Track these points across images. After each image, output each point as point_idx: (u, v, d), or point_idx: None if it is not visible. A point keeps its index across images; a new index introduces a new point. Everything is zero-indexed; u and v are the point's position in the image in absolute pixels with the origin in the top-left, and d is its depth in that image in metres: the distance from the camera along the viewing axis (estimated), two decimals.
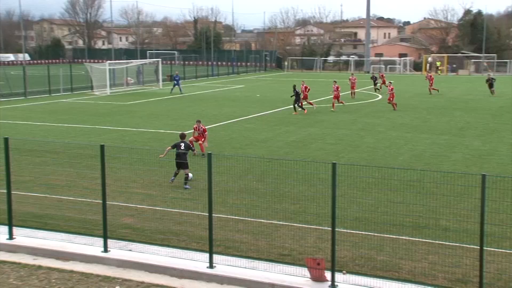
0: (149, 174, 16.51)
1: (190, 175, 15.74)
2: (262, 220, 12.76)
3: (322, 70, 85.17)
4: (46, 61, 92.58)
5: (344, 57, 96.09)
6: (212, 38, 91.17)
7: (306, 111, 31.96)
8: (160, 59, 55.68)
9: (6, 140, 11.71)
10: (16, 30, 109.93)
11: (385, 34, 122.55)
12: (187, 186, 15.58)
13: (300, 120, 29.95)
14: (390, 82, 37.39)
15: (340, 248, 10.74)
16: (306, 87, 34.25)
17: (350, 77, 42.71)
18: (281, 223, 12.64)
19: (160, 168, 17.23)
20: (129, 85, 51.90)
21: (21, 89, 42.95)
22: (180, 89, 45.71)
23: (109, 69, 47.05)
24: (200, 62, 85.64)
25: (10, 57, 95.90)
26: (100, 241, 11.24)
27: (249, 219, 12.86)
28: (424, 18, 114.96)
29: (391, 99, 34.54)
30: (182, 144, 15.99)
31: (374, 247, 11.25)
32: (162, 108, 35.71)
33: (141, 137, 24.38)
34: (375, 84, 46.67)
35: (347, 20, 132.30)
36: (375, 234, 11.81)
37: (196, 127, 19.91)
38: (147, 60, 63.56)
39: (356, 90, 42.09)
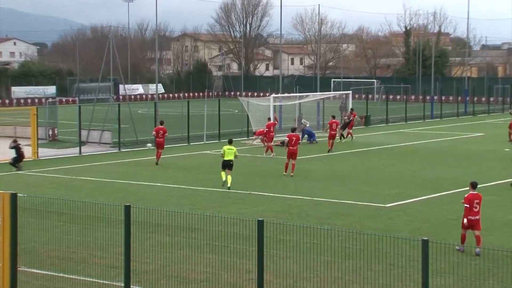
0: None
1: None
2: None
3: None
4: (186, 94, 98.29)
5: None
6: (433, 60, 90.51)
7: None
8: (350, 91, 56.45)
9: None
10: (148, 51, 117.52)
11: None
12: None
13: None
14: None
15: None
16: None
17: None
18: None
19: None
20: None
21: (147, 136, 45.37)
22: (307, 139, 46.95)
23: (274, 105, 48.53)
24: (413, 97, 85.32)
25: (139, 89, 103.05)
26: None
27: None
28: None
29: None
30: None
31: None
32: (349, 166, 36.07)
33: (316, 211, 24.54)
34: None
35: None
36: None
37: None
38: (331, 93, 64.76)
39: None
